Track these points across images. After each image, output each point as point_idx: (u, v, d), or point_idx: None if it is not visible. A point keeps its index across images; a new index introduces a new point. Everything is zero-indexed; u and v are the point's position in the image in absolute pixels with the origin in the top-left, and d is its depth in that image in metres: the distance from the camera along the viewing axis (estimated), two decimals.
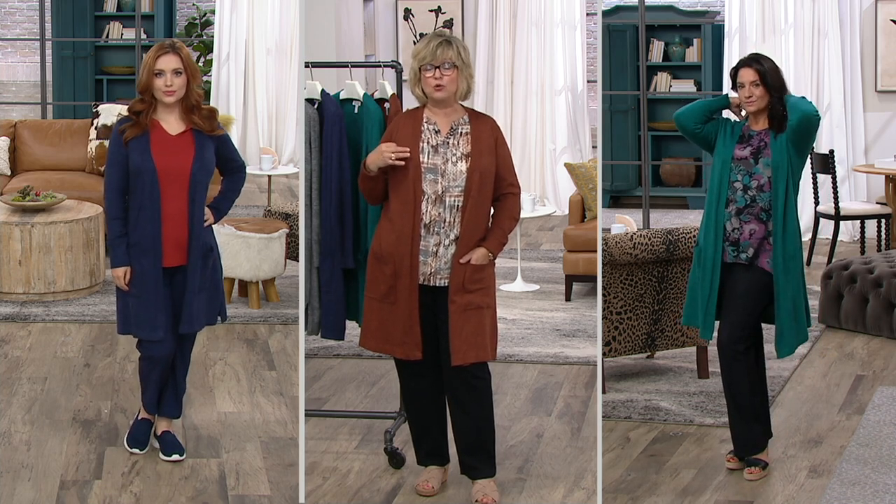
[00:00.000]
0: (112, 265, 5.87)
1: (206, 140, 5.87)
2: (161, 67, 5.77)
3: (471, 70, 5.51)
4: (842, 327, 8.33)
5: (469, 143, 5.48)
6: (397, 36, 12.58)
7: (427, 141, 5.49)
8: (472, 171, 5.45)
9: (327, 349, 7.65)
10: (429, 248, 5.48)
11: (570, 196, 9.64)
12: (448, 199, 5.46)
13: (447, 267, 5.48)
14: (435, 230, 5.47)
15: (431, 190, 5.46)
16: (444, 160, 5.47)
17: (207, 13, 15.02)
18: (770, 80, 5.78)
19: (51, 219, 8.81)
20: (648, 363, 7.56)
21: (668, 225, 11.13)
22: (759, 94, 5.79)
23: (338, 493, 5.72)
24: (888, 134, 11.22)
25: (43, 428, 6.47)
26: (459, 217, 5.46)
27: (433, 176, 5.46)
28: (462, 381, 5.53)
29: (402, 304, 5.50)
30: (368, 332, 5.61)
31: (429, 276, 5.49)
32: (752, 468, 5.93)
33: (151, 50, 5.81)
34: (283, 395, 6.97)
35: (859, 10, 11.15)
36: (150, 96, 5.82)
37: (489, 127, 5.54)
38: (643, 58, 11.55)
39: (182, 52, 5.80)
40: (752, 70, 5.79)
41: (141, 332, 5.90)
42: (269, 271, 8.59)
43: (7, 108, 15.36)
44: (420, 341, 5.52)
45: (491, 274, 5.56)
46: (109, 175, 5.84)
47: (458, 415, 5.59)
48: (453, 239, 5.48)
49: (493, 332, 5.57)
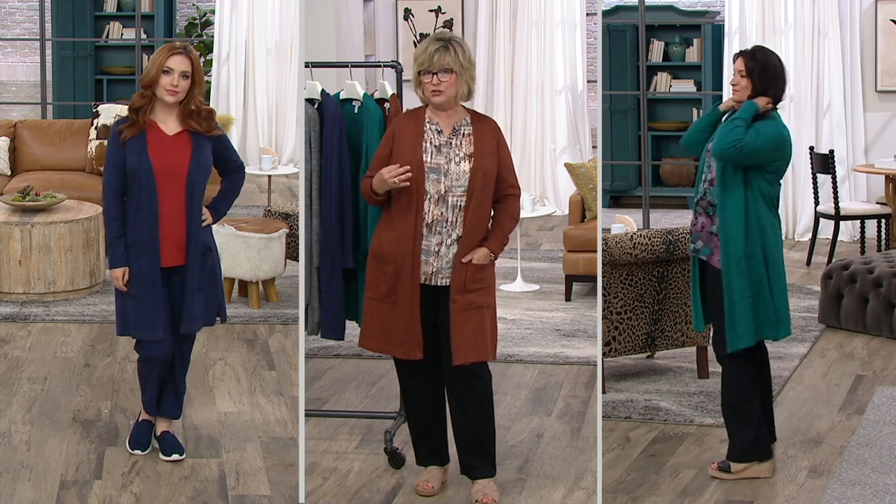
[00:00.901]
0: (110, 266, 5.87)
1: (204, 140, 5.88)
2: (171, 66, 5.77)
3: (471, 72, 5.50)
4: (842, 327, 8.33)
5: (472, 143, 5.49)
6: (397, 36, 12.58)
7: (430, 141, 5.49)
8: (476, 171, 5.45)
9: (327, 349, 7.65)
10: (430, 247, 5.48)
11: (570, 196, 9.65)
12: (451, 198, 5.46)
13: (448, 266, 5.49)
14: (437, 230, 5.47)
15: (434, 189, 5.46)
16: (447, 160, 5.47)
17: (207, 13, 15.02)
18: (757, 77, 5.78)
19: (51, 219, 8.81)
20: (648, 363, 7.56)
21: (668, 225, 11.13)
22: (744, 84, 5.81)
23: (338, 493, 5.72)
24: (888, 134, 11.22)
25: (43, 428, 6.47)
26: (462, 217, 5.47)
27: (436, 175, 5.46)
28: (462, 380, 5.53)
29: (403, 304, 5.50)
30: (369, 332, 5.61)
31: (430, 275, 5.50)
32: (715, 462, 5.95)
33: (164, 48, 5.82)
34: (283, 395, 6.97)
35: (859, 10, 11.15)
36: (152, 93, 5.82)
37: (491, 128, 5.55)
38: (643, 58, 11.55)
39: (192, 55, 5.82)
40: (743, 60, 5.82)
41: (140, 332, 5.90)
42: (269, 271, 8.59)
43: (7, 108, 15.36)
44: (421, 341, 5.52)
45: (491, 274, 5.57)
46: (107, 176, 5.84)
47: (459, 414, 5.59)
48: (455, 238, 5.48)
49: (494, 331, 5.58)
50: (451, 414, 5.63)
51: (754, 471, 5.89)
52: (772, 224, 5.80)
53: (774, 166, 5.77)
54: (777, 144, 5.73)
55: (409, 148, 5.47)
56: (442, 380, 5.63)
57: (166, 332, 5.89)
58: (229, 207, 6.11)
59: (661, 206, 12.46)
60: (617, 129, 12.77)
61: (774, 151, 5.73)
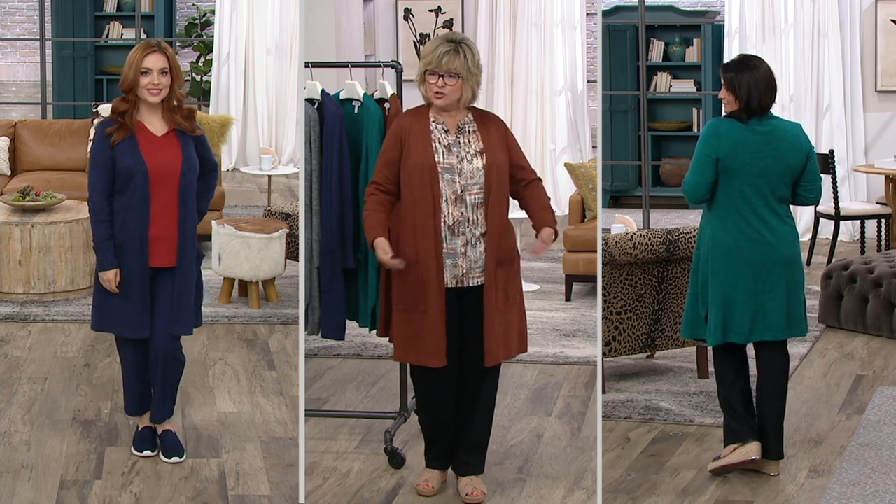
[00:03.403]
0: (101, 268, 5.83)
1: (189, 139, 5.89)
2: (148, 66, 5.77)
3: (478, 77, 5.45)
4: (842, 327, 8.33)
5: (479, 140, 5.47)
6: (397, 36, 12.58)
7: (439, 141, 5.46)
8: (490, 167, 5.42)
9: (327, 349, 7.65)
10: (457, 249, 5.44)
11: (570, 196, 9.65)
12: (469, 197, 5.43)
13: (479, 266, 5.46)
14: (460, 231, 5.43)
15: (451, 190, 5.41)
16: (458, 159, 5.44)
17: (207, 13, 15.02)
18: (736, 88, 5.78)
19: (51, 219, 8.81)
20: (648, 363, 7.56)
21: (668, 225, 11.13)
22: (730, 99, 5.82)
23: (338, 493, 5.72)
24: (888, 134, 11.22)
25: (43, 428, 6.47)
26: (483, 214, 5.44)
27: (450, 176, 5.42)
28: (483, 380, 5.55)
29: (432, 312, 5.42)
30: (402, 345, 5.53)
31: (461, 277, 5.46)
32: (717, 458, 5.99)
33: (137, 49, 5.80)
34: (283, 395, 6.97)
35: (859, 10, 11.14)
36: (135, 96, 5.82)
37: (495, 123, 5.54)
38: (643, 58, 11.54)
39: (168, 51, 5.81)
40: (722, 75, 5.85)
41: (128, 331, 5.89)
42: (269, 271, 8.59)
43: (7, 108, 15.36)
44: (444, 347, 5.46)
45: (517, 269, 5.56)
46: (95, 177, 5.81)
47: (469, 413, 5.59)
48: (479, 236, 5.46)
49: (523, 326, 5.60)
50: (461, 412, 5.62)
51: (740, 453, 5.87)
52: (713, 230, 5.83)
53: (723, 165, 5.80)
54: (700, 143, 5.82)
55: (420, 149, 5.42)
56: (455, 382, 5.60)
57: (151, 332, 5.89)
58: (208, 207, 6.09)
59: (661, 207, 12.46)
60: (617, 129, 12.77)
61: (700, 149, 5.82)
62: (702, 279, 5.91)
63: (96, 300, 5.94)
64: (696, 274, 5.95)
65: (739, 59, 5.88)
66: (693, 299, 5.97)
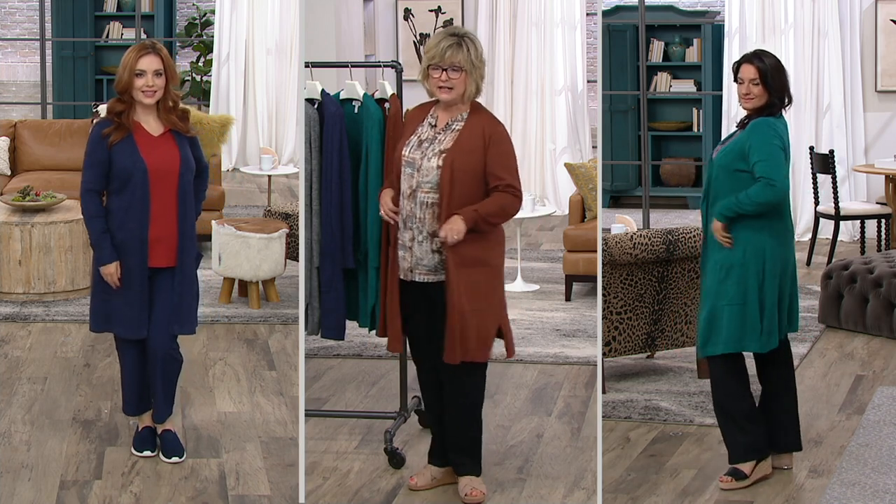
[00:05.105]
0: (101, 262, 5.81)
1: (185, 140, 5.90)
2: (142, 68, 5.77)
3: (481, 70, 5.41)
4: (842, 327, 8.33)
5: (453, 139, 5.42)
6: (397, 36, 12.58)
7: (419, 135, 5.47)
8: (445, 168, 5.35)
9: (327, 349, 7.65)
10: (405, 243, 5.49)
11: (570, 196, 9.65)
12: (420, 195, 5.42)
13: (423, 264, 5.47)
14: (409, 225, 5.47)
15: (406, 185, 5.44)
16: (421, 155, 5.43)
17: (207, 13, 15.02)
18: (771, 79, 5.68)
19: (51, 219, 8.81)
20: (648, 363, 7.56)
21: (668, 225, 11.13)
22: (758, 92, 5.68)
23: (338, 493, 5.72)
24: (888, 134, 11.22)
25: (43, 428, 6.47)
26: (430, 215, 5.40)
27: (410, 171, 5.44)
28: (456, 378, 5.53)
29: (391, 298, 5.60)
30: (381, 327, 5.78)
31: (407, 271, 5.49)
32: (725, 476, 5.81)
33: (131, 50, 5.81)
34: (283, 395, 6.97)
35: (859, 10, 11.15)
36: (130, 97, 5.82)
37: (482, 125, 5.43)
38: (643, 58, 11.55)
39: (162, 52, 5.82)
40: (753, 67, 5.67)
41: (127, 331, 5.89)
42: (269, 271, 8.59)
43: (7, 108, 15.36)
44: (399, 334, 5.58)
45: (495, 273, 5.46)
46: (88, 175, 5.81)
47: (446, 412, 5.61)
48: (426, 235, 5.44)
49: (490, 333, 5.47)
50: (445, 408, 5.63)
51: (763, 468, 5.83)
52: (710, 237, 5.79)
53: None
54: (773, 137, 5.70)
55: (402, 140, 5.51)
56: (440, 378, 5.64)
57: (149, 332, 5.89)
58: (202, 208, 6.10)
59: (661, 207, 12.46)
60: (617, 129, 12.77)
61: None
62: (749, 286, 5.66)
63: (94, 301, 5.94)
64: (738, 283, 5.65)
65: (766, 53, 5.71)
66: (739, 310, 5.65)
